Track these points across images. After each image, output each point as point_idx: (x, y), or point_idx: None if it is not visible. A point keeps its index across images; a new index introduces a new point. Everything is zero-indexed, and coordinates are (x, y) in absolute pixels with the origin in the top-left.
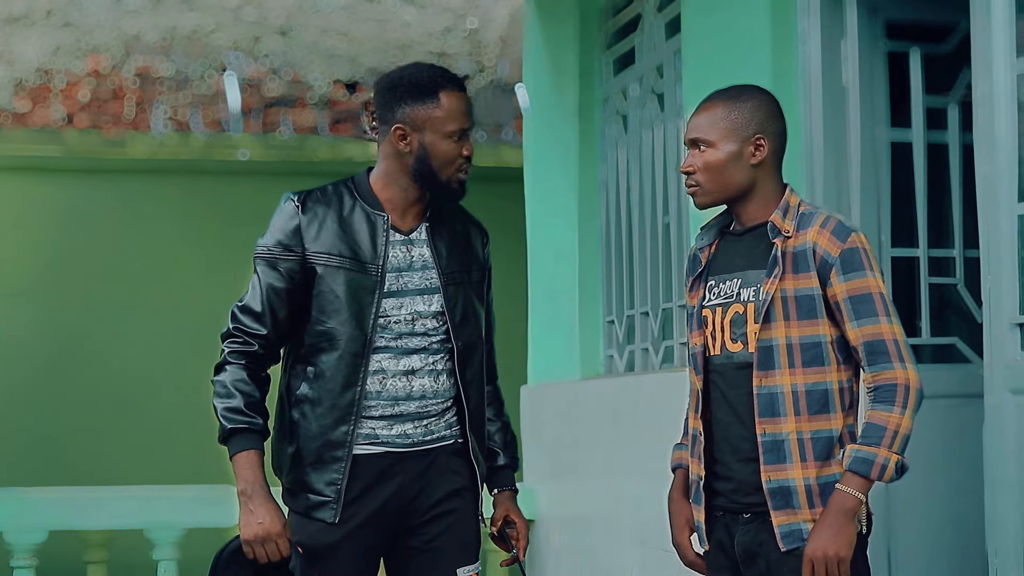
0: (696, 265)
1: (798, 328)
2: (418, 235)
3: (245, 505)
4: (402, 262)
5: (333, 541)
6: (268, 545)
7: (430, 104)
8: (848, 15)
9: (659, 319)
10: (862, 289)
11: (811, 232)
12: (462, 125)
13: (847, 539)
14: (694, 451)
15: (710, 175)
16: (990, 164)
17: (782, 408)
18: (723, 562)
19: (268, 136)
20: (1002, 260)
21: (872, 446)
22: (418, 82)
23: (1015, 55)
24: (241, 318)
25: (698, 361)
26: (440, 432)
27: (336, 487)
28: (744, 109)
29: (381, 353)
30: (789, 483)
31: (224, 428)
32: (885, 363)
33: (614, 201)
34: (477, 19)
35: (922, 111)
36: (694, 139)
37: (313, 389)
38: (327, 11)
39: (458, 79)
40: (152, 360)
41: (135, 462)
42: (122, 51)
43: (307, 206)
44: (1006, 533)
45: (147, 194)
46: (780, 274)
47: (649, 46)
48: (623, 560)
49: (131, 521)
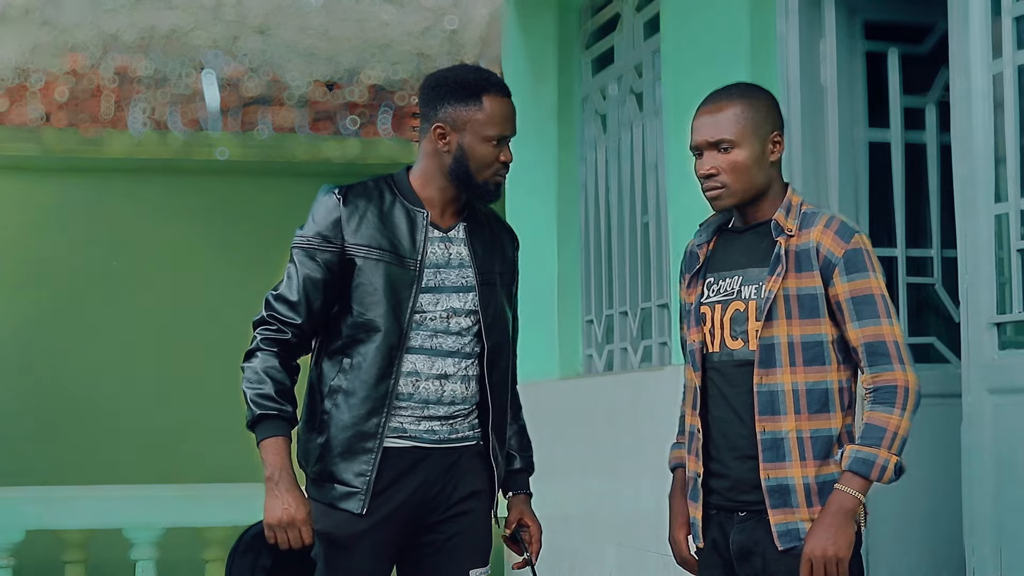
0: (694, 261)
1: (800, 327)
2: (456, 233)
3: (271, 490)
4: (440, 259)
5: (357, 532)
6: (291, 531)
7: (473, 106)
8: (826, 15)
9: (638, 319)
10: (864, 290)
11: (815, 231)
12: (503, 131)
13: (846, 539)
14: (691, 448)
15: (737, 175)
16: (967, 164)
17: (782, 406)
18: (716, 560)
19: (247, 135)
20: (980, 260)
21: (872, 447)
22: (463, 83)
23: (992, 56)
24: (276, 306)
25: (696, 358)
26: (464, 432)
27: (365, 478)
28: (761, 107)
29: (416, 354)
30: (788, 481)
31: (253, 413)
32: (885, 364)
33: (593, 201)
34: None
35: (900, 111)
36: (716, 140)
37: (348, 380)
38: (306, 10)
39: (504, 85)
40: (130, 359)
41: (112, 461)
42: (100, 50)
43: (348, 199)
44: (984, 532)
45: (125, 193)
46: (783, 272)
47: (628, 46)
48: (600, 559)
49: (109, 520)
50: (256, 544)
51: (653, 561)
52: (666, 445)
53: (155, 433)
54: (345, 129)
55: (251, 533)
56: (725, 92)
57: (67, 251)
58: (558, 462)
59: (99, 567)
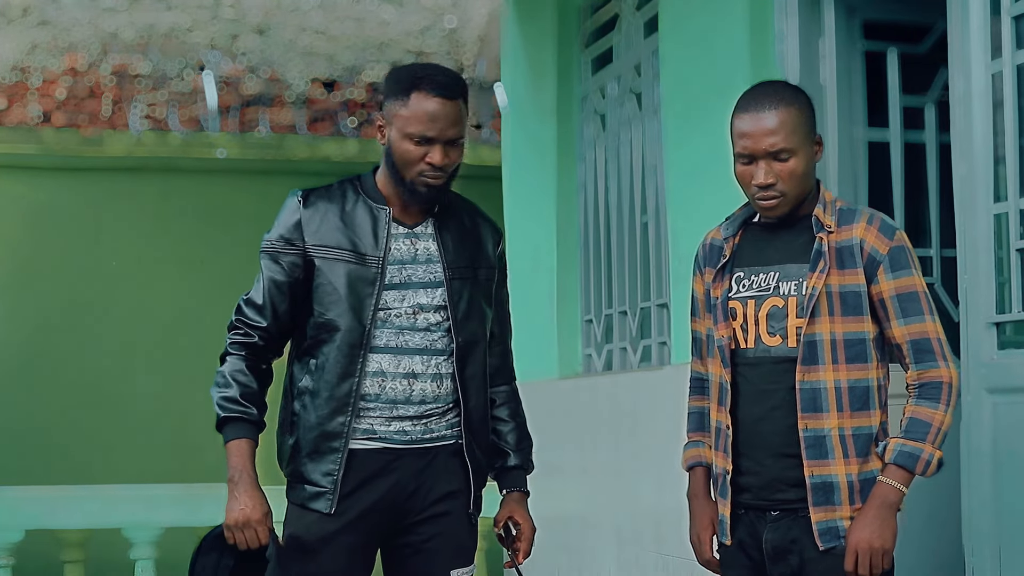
0: (716, 255)
1: (843, 324)
2: (424, 229)
3: (231, 491)
4: (405, 255)
5: (327, 534)
6: (248, 531)
7: (400, 101)
8: (826, 15)
9: (637, 318)
10: (909, 287)
11: (857, 228)
12: (423, 131)
13: (891, 531)
14: (720, 445)
15: (795, 183)
16: (967, 164)
17: (825, 404)
18: (742, 561)
19: (246, 135)
20: (979, 260)
21: (918, 441)
22: (398, 78)
23: (991, 56)
24: (244, 310)
25: (725, 354)
26: (440, 431)
27: (332, 478)
28: (805, 110)
29: (381, 353)
30: (832, 479)
31: (218, 415)
32: (931, 361)
33: (592, 200)
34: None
35: (899, 111)
36: (775, 151)
37: (314, 381)
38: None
39: (444, 83)
40: (128, 358)
41: (111, 461)
42: (99, 49)
43: (309, 201)
44: (982, 532)
45: (124, 192)
46: (826, 269)
47: (627, 45)
48: (600, 559)
49: (108, 520)
50: (218, 544)
51: (652, 561)
52: (666, 445)
53: (155, 433)
54: (344, 128)
55: (213, 534)
56: (772, 95)
57: (66, 250)
58: (557, 462)
59: (98, 567)
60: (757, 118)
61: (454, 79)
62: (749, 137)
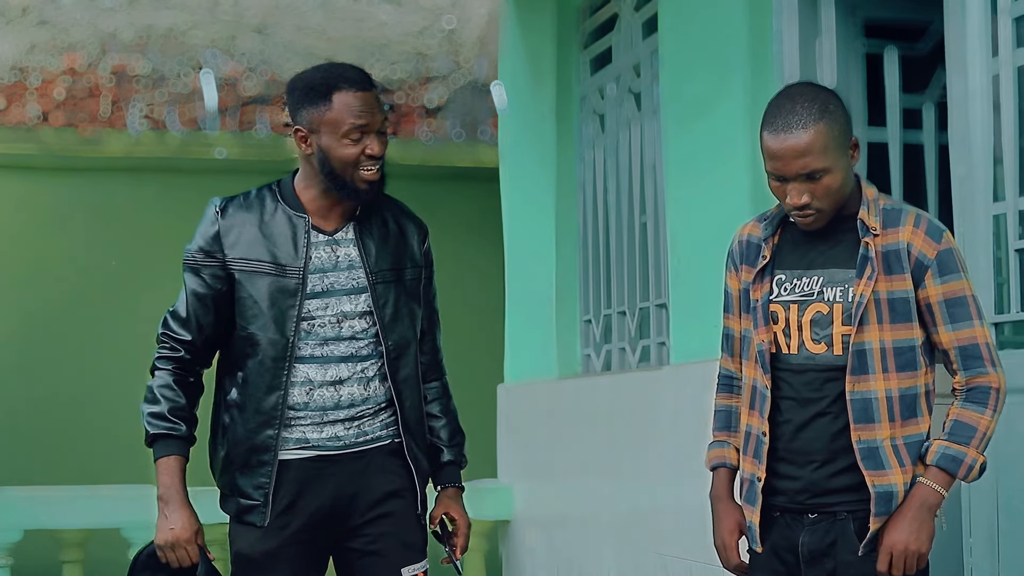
0: (753, 253)
1: (892, 332)
2: (344, 235)
3: (161, 511)
4: (327, 263)
5: (270, 548)
6: (178, 550)
7: (323, 106)
8: (824, 14)
9: (636, 318)
10: (957, 292)
11: (904, 232)
12: (356, 123)
13: (928, 534)
14: (751, 451)
15: (831, 199)
16: (966, 164)
17: (876, 414)
18: (775, 565)
19: (245, 134)
20: (978, 260)
21: (962, 445)
22: (312, 84)
23: (990, 55)
24: (170, 323)
25: (766, 359)
26: (375, 432)
27: (264, 491)
28: (838, 119)
29: (307, 363)
30: (892, 488)
31: (147, 432)
32: (980, 367)
33: (591, 200)
34: (455, 18)
35: (898, 111)
36: (808, 172)
37: (240, 394)
38: (304, 10)
39: (358, 78)
40: (128, 358)
41: (111, 460)
42: (98, 49)
43: (227, 212)
44: (981, 531)
45: (123, 192)
46: (873, 275)
47: (626, 45)
48: (599, 560)
49: (107, 520)
50: (151, 563)
51: (652, 561)
52: (665, 445)
53: None
54: None
55: (146, 552)
56: (801, 111)
57: (65, 251)
58: (556, 462)
59: (97, 567)
60: (785, 138)
61: (363, 72)
62: (779, 159)
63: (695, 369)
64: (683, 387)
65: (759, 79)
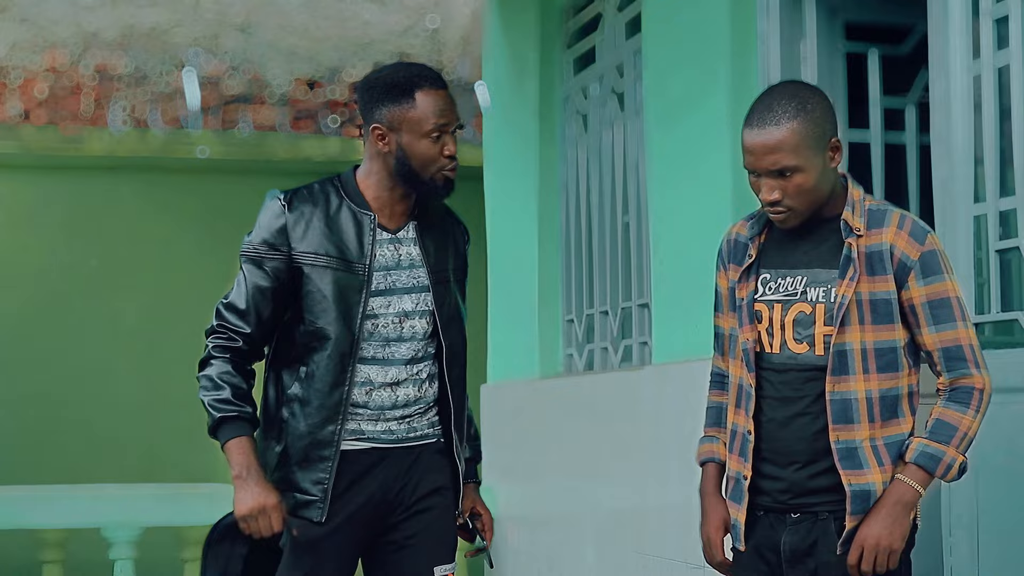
0: (740, 252)
1: (873, 333)
2: (406, 234)
3: (240, 485)
4: (390, 260)
5: (317, 536)
6: (263, 518)
7: (405, 105)
8: (807, 16)
9: (618, 318)
10: (941, 293)
11: (887, 232)
12: (439, 122)
13: (901, 531)
14: (737, 448)
15: (803, 198)
16: (947, 165)
17: (856, 415)
18: (757, 564)
19: (227, 133)
20: (958, 261)
21: (942, 444)
22: (394, 82)
23: (972, 57)
24: (226, 315)
25: (750, 358)
26: (423, 430)
27: (323, 486)
28: (816, 118)
29: (368, 364)
30: (870, 487)
31: (214, 418)
32: (963, 369)
33: (574, 200)
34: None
35: (880, 112)
36: (777, 169)
37: (303, 388)
38: (287, 8)
39: (436, 77)
40: (107, 357)
41: (91, 460)
42: (80, 47)
43: (293, 205)
44: (961, 530)
45: (105, 191)
46: (855, 276)
47: (609, 45)
48: (581, 559)
49: (87, 520)
50: (231, 533)
51: (633, 561)
52: (647, 445)
53: (135, 432)
54: (326, 128)
55: (224, 523)
56: (778, 108)
57: (46, 250)
58: (537, 462)
59: (77, 567)
60: (759, 134)
61: (437, 72)
62: (751, 153)
63: (677, 369)
64: (665, 387)
65: (742, 80)
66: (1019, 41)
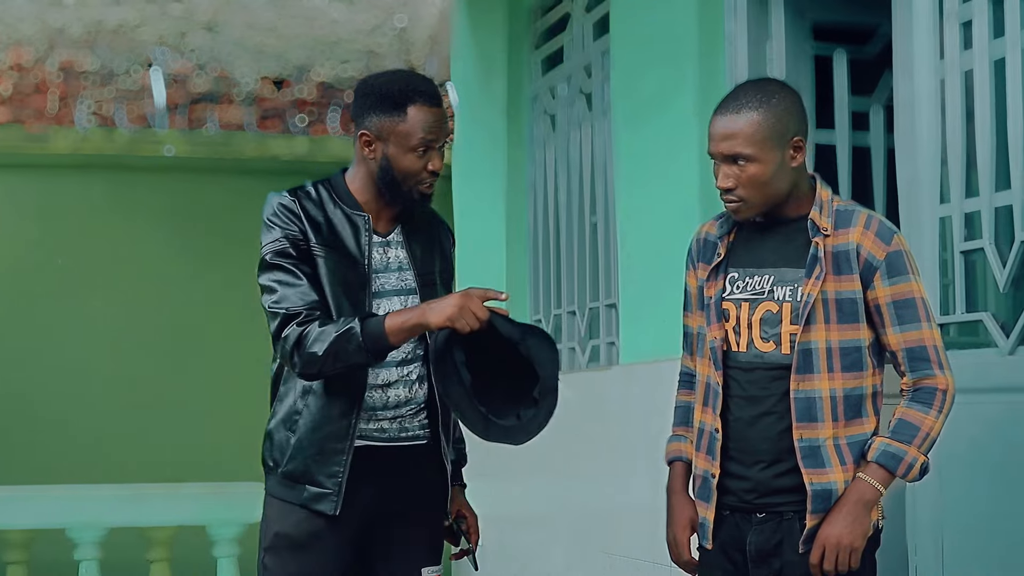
0: (710, 251)
1: (838, 332)
2: (394, 237)
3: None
4: (379, 263)
5: (317, 530)
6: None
7: (396, 117)
8: (774, 17)
9: (586, 318)
10: (906, 294)
11: (854, 232)
12: (427, 138)
13: (862, 530)
14: (704, 447)
15: (755, 189)
16: (912, 167)
17: (820, 413)
18: (723, 563)
19: (194, 132)
20: (923, 262)
21: (903, 443)
22: (388, 93)
23: (937, 59)
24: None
25: (718, 356)
26: (414, 431)
27: (337, 479)
28: (780, 112)
29: None
30: (831, 486)
31: (356, 336)
32: (927, 369)
33: (541, 200)
34: (406, 16)
35: (847, 113)
36: (731, 155)
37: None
38: (254, 7)
39: (433, 93)
40: (74, 357)
41: (58, 460)
42: (46, 44)
43: (302, 200)
44: (925, 530)
45: (71, 190)
46: (821, 275)
47: (577, 46)
48: (549, 559)
49: (52, 520)
50: (447, 347)
51: (600, 560)
52: (614, 445)
53: (103, 433)
54: (294, 127)
55: (441, 338)
56: (743, 97)
57: (11, 249)
58: (506, 462)
59: (42, 567)
60: (720, 120)
61: (435, 86)
62: (712, 139)
63: (644, 369)
64: (632, 387)
65: (709, 80)
66: (984, 43)
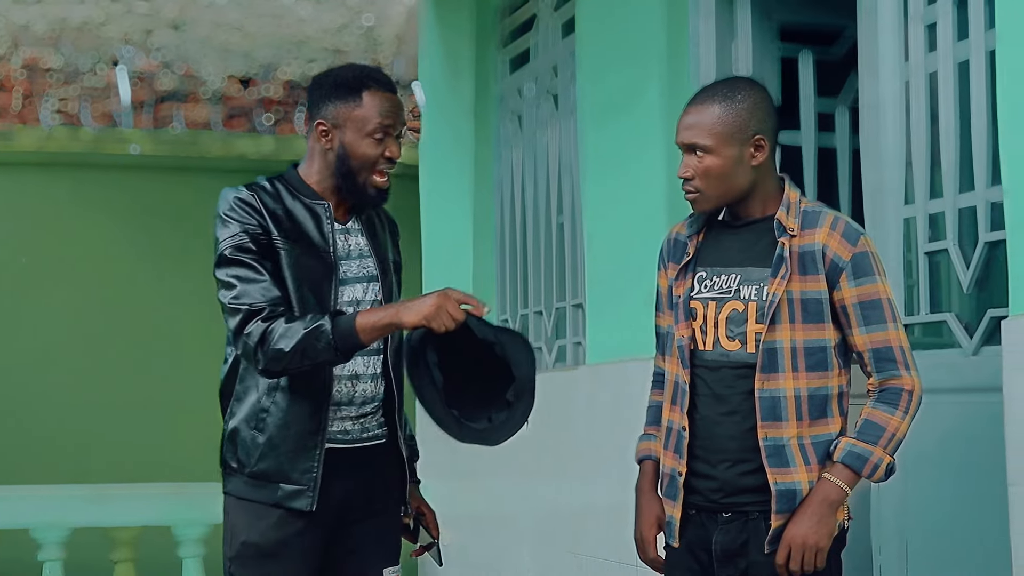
0: (680, 251)
1: (803, 331)
2: (353, 224)
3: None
4: (341, 251)
5: (285, 537)
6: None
7: (352, 103)
8: (740, 18)
9: (552, 318)
10: (872, 295)
11: (820, 233)
12: (383, 123)
13: (828, 529)
14: (672, 445)
15: (711, 182)
16: (877, 168)
17: (784, 412)
18: (689, 563)
19: (160, 131)
20: (888, 263)
21: (869, 443)
22: (343, 80)
23: (903, 61)
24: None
25: (685, 355)
26: (373, 430)
27: (312, 475)
28: (741, 109)
29: None
30: (795, 486)
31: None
32: (892, 370)
33: (508, 200)
34: (373, 16)
35: (812, 114)
36: (690, 144)
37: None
38: (221, 5)
39: (386, 80)
40: (37, 356)
41: (22, 460)
42: (9, 42)
43: (259, 194)
44: (890, 529)
45: (35, 188)
46: (787, 275)
47: (544, 46)
48: (515, 559)
49: (15, 521)
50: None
51: (567, 561)
52: (581, 445)
53: (66, 434)
54: (260, 126)
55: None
56: (712, 90)
57: None
58: (472, 462)
59: (6, 568)
60: (687, 111)
61: (388, 76)
62: (677, 129)
63: (611, 369)
64: (598, 387)
65: (675, 81)
66: (949, 45)
